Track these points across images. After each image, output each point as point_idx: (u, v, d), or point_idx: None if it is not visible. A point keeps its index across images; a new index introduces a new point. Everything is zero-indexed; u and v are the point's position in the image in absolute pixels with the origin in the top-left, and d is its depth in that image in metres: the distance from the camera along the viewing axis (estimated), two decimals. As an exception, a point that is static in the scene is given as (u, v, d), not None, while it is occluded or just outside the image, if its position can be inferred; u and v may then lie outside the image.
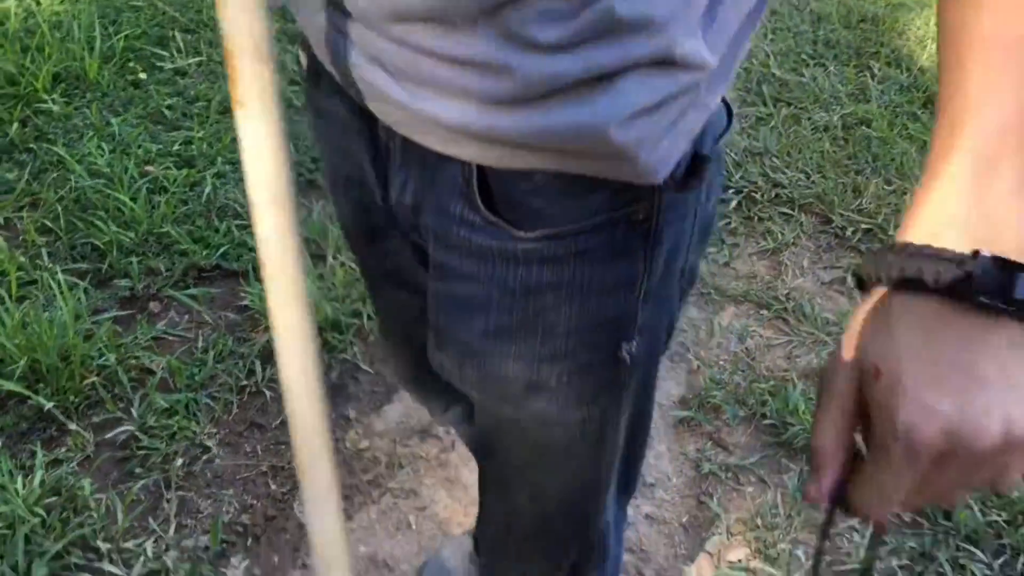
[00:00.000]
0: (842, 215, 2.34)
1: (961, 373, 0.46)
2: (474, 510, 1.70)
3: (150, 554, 1.59)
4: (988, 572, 1.62)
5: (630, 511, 1.71)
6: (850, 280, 2.18)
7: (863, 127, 2.63)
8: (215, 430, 1.80)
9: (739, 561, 1.63)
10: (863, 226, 2.32)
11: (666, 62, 0.58)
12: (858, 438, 0.52)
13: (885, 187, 2.42)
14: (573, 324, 0.74)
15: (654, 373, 0.89)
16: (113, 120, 2.44)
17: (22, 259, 2.02)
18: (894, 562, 1.63)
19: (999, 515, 1.70)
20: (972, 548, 1.65)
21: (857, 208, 2.36)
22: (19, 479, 1.62)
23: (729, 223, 2.34)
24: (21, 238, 2.10)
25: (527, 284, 0.71)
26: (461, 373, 0.82)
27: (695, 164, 0.69)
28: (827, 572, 1.63)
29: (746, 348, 2.03)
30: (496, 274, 0.72)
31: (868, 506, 0.50)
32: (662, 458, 1.81)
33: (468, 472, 1.77)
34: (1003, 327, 0.45)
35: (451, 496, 1.73)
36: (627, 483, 1.03)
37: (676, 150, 0.65)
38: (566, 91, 0.58)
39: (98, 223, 2.13)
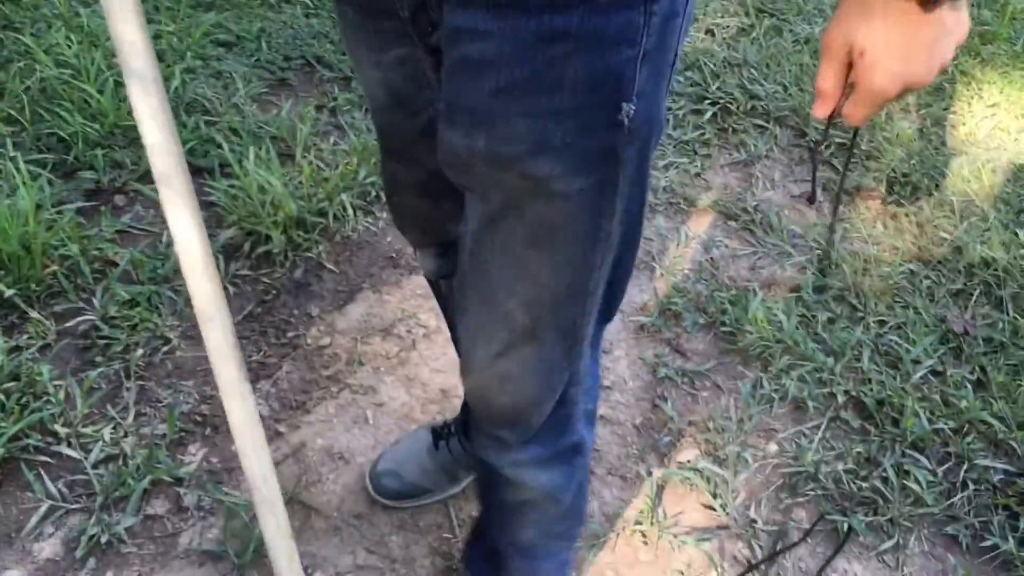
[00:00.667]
0: (816, 128, 2.32)
1: (917, 52, 0.73)
2: (433, 408, 1.73)
3: (108, 440, 1.61)
4: (932, 478, 1.66)
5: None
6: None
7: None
8: (177, 323, 1.81)
9: (688, 462, 1.67)
10: (836, 140, 2.31)
11: None
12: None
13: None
14: (579, 77, 0.77)
15: (646, 172, 0.91)
16: (82, 11, 2.39)
17: (-15, 148, 2.00)
18: (840, 466, 1.67)
19: (945, 424, 1.73)
20: (917, 455, 1.69)
21: (832, 121, 2.34)
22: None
23: (703, 134, 2.32)
24: (-15, 127, 2.07)
25: (538, 33, 0.75)
26: (471, 148, 0.84)
27: None
28: (776, 473, 1.67)
29: (711, 258, 2.04)
30: (508, 25, 0.76)
31: (850, 117, 0.79)
32: (619, 362, 1.83)
33: (428, 371, 1.79)
34: (941, 19, 0.72)
35: (410, 393, 1.75)
36: (607, 309, 1.05)
37: None
38: None
39: (64, 114, 2.11)
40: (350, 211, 2.04)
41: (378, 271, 1.98)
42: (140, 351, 1.75)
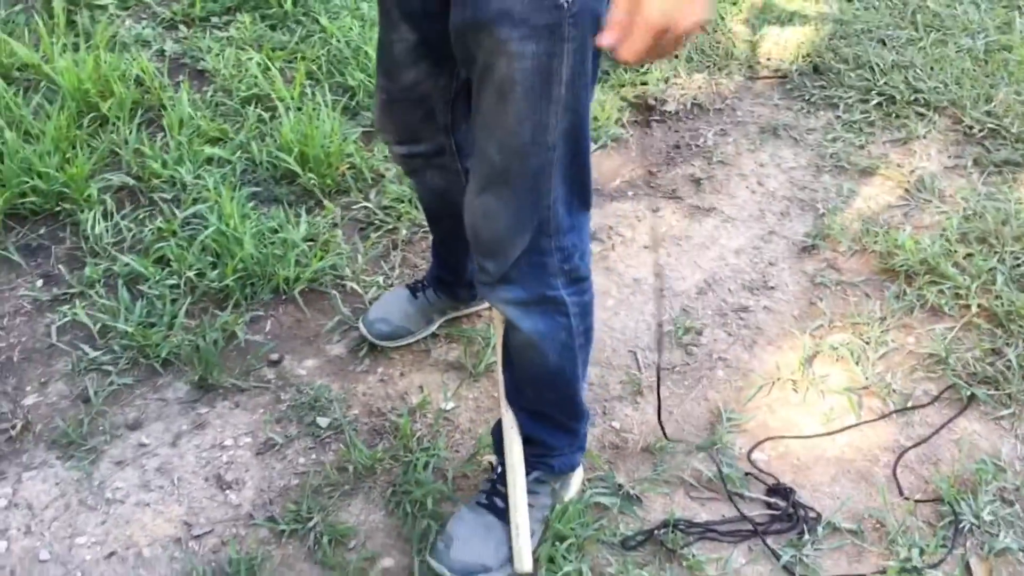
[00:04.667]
0: (972, 116, 2.65)
1: None
2: (626, 291, 2.15)
3: (381, 284, 2.13)
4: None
5: (751, 303, 2.13)
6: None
7: (1004, 52, 2.91)
8: (431, 216, 2.33)
9: (836, 341, 2.02)
10: (989, 126, 2.62)
11: None
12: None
13: (1015, 96, 2.71)
14: None
15: (588, 54, 1.21)
16: (363, 5, 3.03)
17: (294, 90, 2.62)
18: (968, 355, 1.97)
19: None
20: None
21: (986, 111, 2.66)
22: (289, 227, 2.19)
23: (868, 116, 2.69)
24: (293, 79, 2.69)
25: None
26: (463, 19, 1.19)
27: None
28: (911, 355, 1.99)
29: (869, 206, 2.39)
30: None
31: (621, 52, 1.00)
32: (783, 272, 2.21)
33: (623, 266, 2.22)
34: None
35: (609, 280, 2.18)
36: (579, 189, 1.34)
37: None
38: None
39: (348, 73, 2.71)
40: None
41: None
42: (403, 232, 2.27)
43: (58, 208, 2.26)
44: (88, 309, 2.01)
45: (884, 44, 2.99)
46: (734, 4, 3.19)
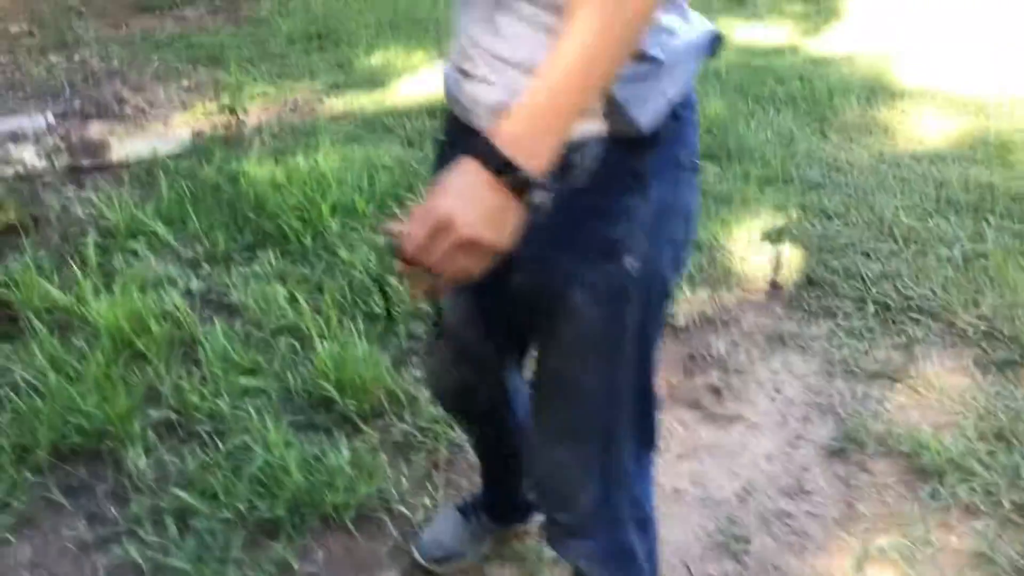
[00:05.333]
0: (965, 320, 2.82)
1: (494, 216, 0.97)
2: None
3: (428, 505, 2.15)
4: (1095, 566, 1.98)
5: (792, 508, 2.17)
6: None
7: (981, 259, 3.14)
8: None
9: (886, 547, 2.05)
10: (983, 328, 2.79)
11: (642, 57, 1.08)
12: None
13: (1001, 299, 2.90)
14: (598, 237, 1.16)
15: (654, 312, 1.25)
16: (379, 237, 3.20)
17: (323, 320, 2.72)
18: (1012, 552, 2.02)
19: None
20: (1079, 544, 2.03)
21: (977, 315, 2.84)
22: (332, 453, 2.22)
23: (867, 323, 2.85)
24: (319, 309, 2.80)
25: (572, 209, 1.14)
26: (529, 284, 1.22)
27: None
28: (956, 555, 2.03)
29: (884, 408, 2.50)
30: (557, 202, 1.06)
31: (404, 237, 1.01)
32: (817, 475, 2.27)
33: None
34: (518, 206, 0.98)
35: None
36: (647, 436, 1.37)
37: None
38: None
39: (372, 301, 2.83)
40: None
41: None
42: (443, 451, 2.31)
43: (100, 446, 2.27)
44: (137, 547, 1.99)
45: (869, 256, 3.20)
46: (723, 225, 3.42)
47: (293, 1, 6.75)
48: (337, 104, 4.59)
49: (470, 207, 0.96)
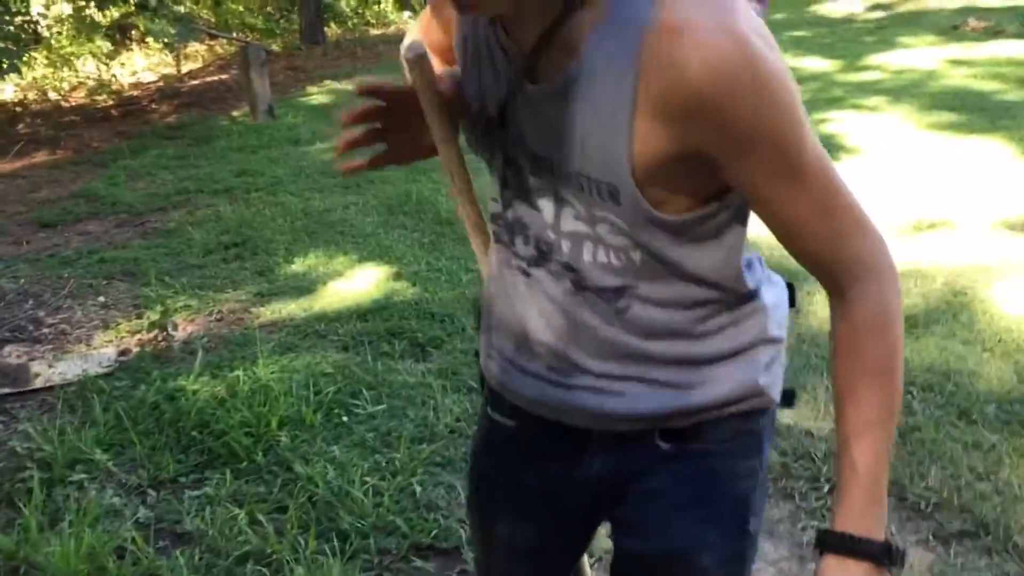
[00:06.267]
0: (915, 493, 2.93)
1: None
2: None
3: None
4: None
5: None
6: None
7: (915, 432, 3.30)
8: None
9: None
10: (933, 501, 2.90)
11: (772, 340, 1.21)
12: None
13: (943, 470, 3.03)
14: (724, 500, 1.22)
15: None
16: (333, 447, 3.15)
17: (288, 542, 2.62)
18: None
19: None
20: None
21: (925, 487, 2.96)
22: None
23: (825, 504, 2.93)
24: (283, 530, 2.70)
25: (693, 473, 1.20)
26: (644, 552, 1.23)
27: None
28: None
29: None
30: (674, 469, 1.18)
31: None
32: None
33: None
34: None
35: None
36: None
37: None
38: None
39: (339, 516, 2.75)
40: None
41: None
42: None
43: None
44: None
45: (813, 436, 3.33)
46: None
47: (200, 211, 6.77)
48: (265, 313, 4.58)
49: None
